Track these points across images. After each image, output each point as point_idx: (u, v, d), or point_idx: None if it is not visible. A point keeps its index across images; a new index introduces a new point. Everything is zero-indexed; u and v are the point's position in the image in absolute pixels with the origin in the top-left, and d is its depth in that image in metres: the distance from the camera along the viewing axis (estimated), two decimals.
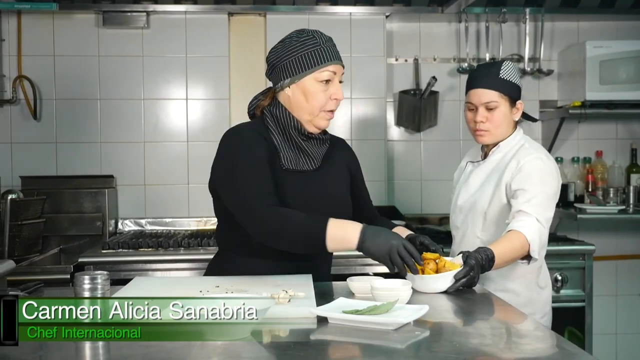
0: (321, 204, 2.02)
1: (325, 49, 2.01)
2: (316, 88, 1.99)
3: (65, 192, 3.60)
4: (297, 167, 2.03)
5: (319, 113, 2.01)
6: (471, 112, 2.40)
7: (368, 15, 3.86)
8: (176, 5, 3.71)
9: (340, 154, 2.18)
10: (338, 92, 2.01)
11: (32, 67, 3.74)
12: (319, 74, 1.99)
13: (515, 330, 1.60)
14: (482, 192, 2.38)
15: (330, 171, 2.10)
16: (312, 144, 2.05)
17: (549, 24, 4.01)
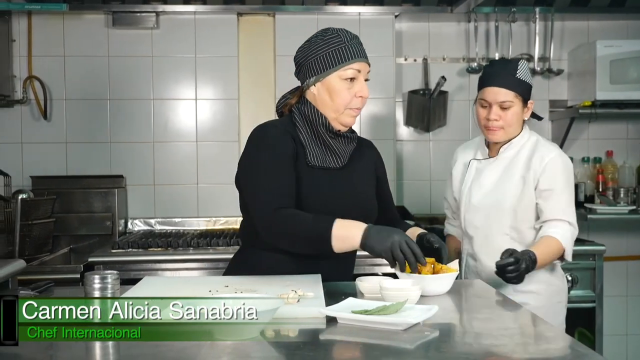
0: (346, 202, 2.03)
1: (349, 46, 2.02)
2: (341, 86, 2.00)
3: (75, 192, 3.62)
4: (324, 164, 2.04)
5: (344, 110, 2.02)
6: (484, 109, 2.40)
7: (377, 15, 3.85)
8: (185, 6, 3.72)
9: (368, 154, 2.20)
10: (363, 90, 2.02)
11: (42, 68, 3.76)
12: (343, 71, 2.00)
13: (526, 330, 1.60)
14: (504, 189, 2.39)
15: (357, 169, 2.11)
16: (339, 142, 2.06)
17: (559, 23, 3.99)
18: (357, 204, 2.06)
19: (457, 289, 1.95)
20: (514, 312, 1.76)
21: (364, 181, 2.13)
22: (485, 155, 2.49)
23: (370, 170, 2.18)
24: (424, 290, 1.83)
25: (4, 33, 3.69)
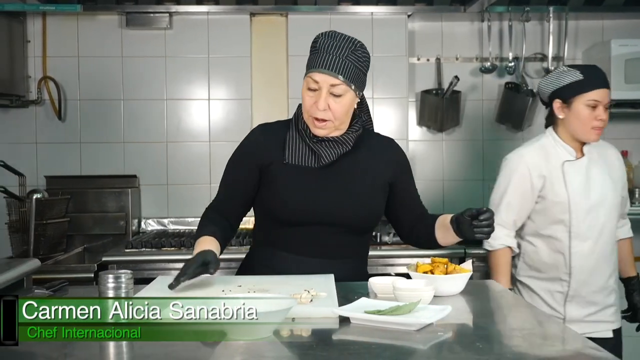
0: (321, 201, 2.03)
1: (316, 55, 1.98)
2: (304, 92, 2.00)
3: (89, 192, 3.64)
4: (298, 162, 2.04)
5: (308, 117, 2.00)
6: (593, 109, 2.46)
7: (390, 15, 3.85)
8: (198, 6, 3.73)
9: (379, 154, 2.13)
10: (320, 102, 1.95)
11: (56, 68, 3.79)
12: (306, 79, 1.99)
13: (540, 331, 1.59)
14: (607, 189, 2.53)
15: (350, 170, 2.07)
16: (324, 145, 2.04)
17: (573, 22, 3.96)
18: (334, 203, 2.03)
19: (470, 290, 1.94)
20: (527, 313, 1.75)
21: (358, 184, 2.07)
22: (574, 156, 2.54)
23: (376, 172, 2.10)
24: (437, 291, 1.82)
25: (19, 34, 3.71)
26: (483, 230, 1.90)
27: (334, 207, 2.03)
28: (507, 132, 4.00)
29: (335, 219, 2.03)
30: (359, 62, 2.00)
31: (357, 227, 2.08)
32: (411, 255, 3.11)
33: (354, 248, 2.12)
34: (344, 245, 2.08)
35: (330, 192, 2.04)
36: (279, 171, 2.04)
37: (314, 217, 2.02)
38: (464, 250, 3.17)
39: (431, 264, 1.95)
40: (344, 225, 2.05)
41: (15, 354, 1.38)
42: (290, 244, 2.06)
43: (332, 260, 2.07)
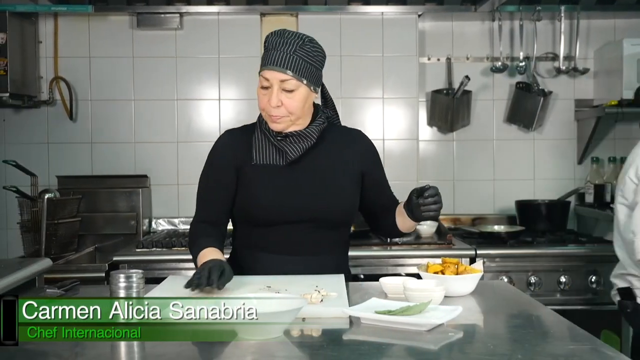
0: (292, 198, 2.04)
1: (266, 54, 2.01)
2: (259, 91, 2.03)
3: (100, 192, 3.65)
4: (266, 162, 2.06)
5: (265, 115, 2.03)
6: None
7: (400, 15, 3.84)
8: (209, 7, 3.74)
9: (348, 146, 2.14)
10: (272, 99, 1.97)
11: (68, 69, 3.80)
12: (259, 78, 2.02)
13: (551, 332, 1.58)
14: None
15: (318, 165, 2.08)
16: (288, 141, 2.05)
17: (585, 21, 3.94)
18: (306, 200, 2.04)
19: (481, 290, 1.94)
20: (538, 313, 1.74)
21: (327, 178, 2.07)
22: None
23: (345, 164, 2.11)
24: (448, 291, 1.82)
25: (31, 35, 3.73)
26: (430, 207, 1.94)
27: (308, 202, 2.04)
28: (518, 132, 3.99)
29: (311, 214, 2.04)
30: (309, 57, 2.00)
31: (333, 220, 2.07)
32: (422, 255, 3.11)
33: (334, 243, 2.12)
34: (323, 241, 2.07)
35: (302, 188, 2.05)
36: (249, 173, 2.06)
37: (289, 214, 2.03)
38: (474, 250, 3.16)
39: (442, 265, 1.94)
40: (320, 219, 2.05)
41: (26, 353, 1.39)
42: (269, 244, 2.06)
43: (313, 257, 2.06)
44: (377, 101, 3.87)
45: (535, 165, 4.01)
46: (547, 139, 4.00)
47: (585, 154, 3.94)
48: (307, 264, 2.05)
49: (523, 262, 3.19)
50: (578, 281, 3.18)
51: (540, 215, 3.70)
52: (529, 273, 3.17)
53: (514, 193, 3.93)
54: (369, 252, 3.14)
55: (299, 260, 2.05)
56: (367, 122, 3.86)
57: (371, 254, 3.14)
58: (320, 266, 2.06)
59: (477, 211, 3.99)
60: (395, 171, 3.87)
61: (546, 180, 4.00)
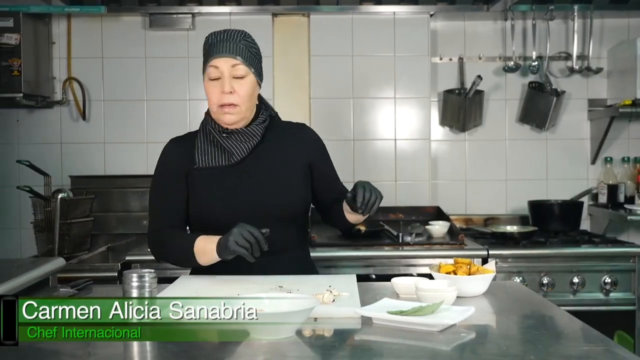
0: (245, 196, 2.03)
1: (211, 48, 2.02)
2: (208, 85, 2.03)
3: (113, 192, 3.67)
4: (211, 164, 2.05)
5: (217, 109, 2.03)
6: None
7: (412, 15, 3.83)
8: (221, 7, 3.75)
9: (293, 140, 2.15)
10: (225, 85, 1.99)
11: (81, 69, 3.82)
12: (206, 72, 2.03)
13: (564, 333, 1.57)
14: None
15: (264, 161, 2.08)
16: (234, 139, 2.06)
17: (598, 20, 3.92)
18: (260, 196, 2.03)
19: (493, 291, 1.93)
20: (551, 314, 1.73)
21: (276, 172, 2.08)
22: None
23: (293, 157, 2.12)
24: (460, 292, 1.81)
25: (44, 36, 3.76)
26: (373, 208, 1.93)
27: (258, 200, 2.03)
28: (530, 132, 3.97)
29: (263, 212, 2.02)
30: (252, 48, 2.07)
31: (284, 215, 2.06)
32: (434, 255, 3.10)
33: (291, 239, 2.11)
34: (279, 238, 2.01)
35: (250, 187, 2.04)
36: (195, 178, 2.06)
37: (240, 215, 1.97)
38: (487, 251, 3.15)
39: (454, 265, 1.94)
40: (272, 217, 2.02)
41: (39, 352, 1.39)
42: None
43: (274, 256, 2.00)
44: (389, 101, 3.86)
45: (548, 165, 3.99)
46: (560, 139, 3.98)
47: (598, 153, 3.92)
48: (268, 264, 2.00)
49: (536, 263, 3.17)
50: (591, 282, 3.16)
51: (553, 216, 3.68)
52: (542, 274, 3.16)
53: (526, 193, 3.91)
54: (381, 252, 3.14)
55: (259, 260, 1.93)
56: (379, 122, 3.86)
57: (383, 254, 3.14)
58: (282, 265, 2.04)
59: (489, 211, 3.98)
60: (407, 171, 3.88)
61: (559, 180, 3.98)
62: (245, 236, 1.81)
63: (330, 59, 3.79)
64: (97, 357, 1.34)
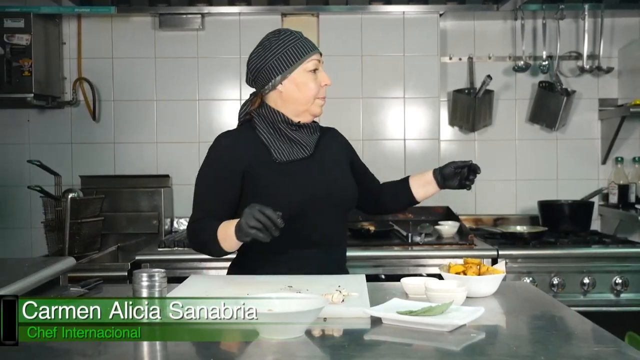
0: (321, 187, 2.08)
1: (305, 41, 2.12)
2: (306, 78, 2.09)
3: (122, 191, 3.68)
4: (291, 157, 2.09)
5: (314, 101, 2.11)
6: None
7: (421, 14, 3.83)
8: (230, 7, 3.75)
9: (335, 140, 2.27)
10: (325, 78, 2.13)
11: (91, 70, 3.84)
12: (306, 64, 2.09)
13: (574, 333, 1.57)
14: None
15: (326, 156, 2.16)
16: (302, 133, 2.12)
17: (609, 19, 3.90)
18: (333, 187, 2.11)
19: (503, 291, 1.92)
20: (561, 315, 1.72)
21: (336, 166, 2.18)
22: None
23: (341, 155, 2.23)
24: (470, 292, 1.81)
25: (55, 36, 3.78)
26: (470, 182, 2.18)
27: (331, 191, 2.09)
28: (540, 132, 3.96)
29: (334, 202, 2.09)
30: None
31: (348, 206, 2.17)
32: (443, 256, 3.09)
33: (344, 234, 2.20)
34: (338, 230, 2.15)
35: (324, 178, 2.10)
36: (270, 171, 2.05)
37: (316, 206, 2.05)
38: (496, 251, 3.14)
39: (464, 265, 1.93)
40: (340, 207, 2.12)
41: (50, 350, 1.40)
42: (292, 239, 2.02)
43: (332, 247, 2.10)
44: (398, 101, 3.86)
45: (558, 165, 3.97)
46: (570, 139, 3.97)
47: (609, 153, 3.90)
48: (322, 257, 2.07)
49: (546, 263, 3.16)
50: (602, 282, 3.14)
51: (564, 216, 3.67)
52: (552, 274, 3.14)
53: (536, 193, 3.90)
54: (390, 252, 3.14)
55: (316, 253, 2.05)
56: (388, 122, 3.85)
57: (392, 254, 3.13)
58: (333, 259, 2.11)
59: (499, 211, 3.97)
60: (416, 171, 3.83)
61: (569, 180, 3.96)
62: (257, 216, 1.79)
63: (339, 59, 3.79)
64: (107, 356, 1.35)
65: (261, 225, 1.78)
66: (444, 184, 2.21)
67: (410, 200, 2.29)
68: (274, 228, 1.79)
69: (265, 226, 1.78)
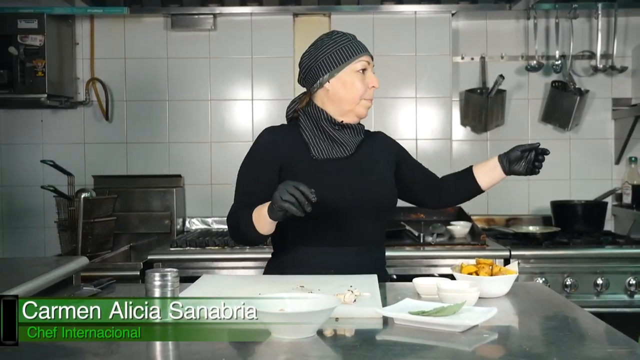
0: (359, 187, 2.10)
1: (356, 42, 2.16)
2: (354, 78, 2.12)
3: (135, 191, 3.70)
4: (329, 156, 2.12)
5: (360, 101, 2.13)
6: None
7: (433, 14, 3.82)
8: (242, 7, 3.76)
9: (382, 142, 2.28)
10: (373, 80, 2.14)
11: (104, 70, 3.86)
12: (355, 64, 2.12)
13: (587, 334, 1.56)
14: None
15: (366, 158, 2.18)
16: (345, 133, 2.14)
17: (623, 18, 3.88)
18: (368, 189, 2.12)
19: (516, 291, 1.92)
20: (574, 316, 1.71)
21: (376, 169, 2.18)
22: None
23: (385, 157, 2.24)
24: (483, 292, 1.80)
25: (68, 37, 3.80)
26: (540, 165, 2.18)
27: (369, 192, 2.11)
28: (553, 132, 3.94)
29: (372, 203, 2.11)
30: None
31: (388, 209, 2.18)
32: (455, 256, 3.08)
33: (380, 235, 2.21)
34: (377, 231, 2.17)
35: (363, 178, 2.12)
36: (307, 167, 2.07)
37: (352, 205, 2.07)
38: (509, 251, 3.13)
39: (476, 265, 1.93)
40: (380, 209, 2.14)
41: (62, 349, 1.41)
42: (325, 237, 2.07)
43: (365, 247, 2.11)
44: (410, 101, 3.85)
45: (571, 165, 3.95)
46: (583, 139, 3.95)
47: (622, 153, 3.88)
48: (363, 257, 2.10)
49: (559, 264, 3.14)
50: (615, 283, 3.12)
51: (577, 216, 3.65)
52: (565, 275, 3.13)
53: (549, 193, 3.88)
54: (402, 252, 3.13)
55: (352, 251, 2.08)
56: (400, 121, 3.85)
57: (404, 254, 3.13)
58: (370, 258, 2.13)
59: (511, 212, 3.95)
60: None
61: (582, 180, 3.94)
62: (291, 191, 1.80)
63: None
64: (119, 356, 1.35)
65: (294, 199, 1.80)
66: (509, 168, 2.20)
67: (475, 189, 2.29)
68: (307, 203, 1.79)
69: (298, 201, 1.79)
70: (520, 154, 2.18)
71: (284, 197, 1.80)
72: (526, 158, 2.18)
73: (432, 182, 2.33)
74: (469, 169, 2.30)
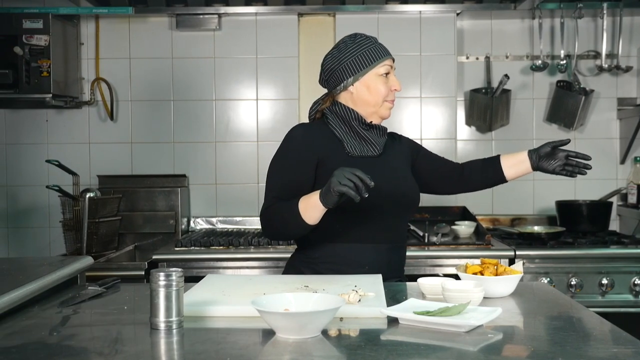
0: (390, 185, 2.14)
1: (379, 46, 2.22)
2: (378, 81, 2.18)
3: (140, 191, 3.71)
4: (362, 153, 2.17)
5: (383, 103, 2.19)
6: None
7: (438, 14, 3.81)
8: (247, 7, 3.76)
9: (401, 142, 2.36)
10: (396, 83, 2.21)
11: (109, 70, 3.87)
12: (379, 68, 2.18)
13: (592, 334, 1.55)
14: None
15: (392, 157, 2.24)
16: (373, 133, 2.20)
17: (628, 18, 3.87)
18: (398, 186, 2.19)
19: (521, 291, 1.91)
20: (579, 316, 1.71)
21: (401, 167, 2.26)
22: None
23: (405, 157, 2.31)
24: (487, 292, 1.80)
25: (73, 37, 3.81)
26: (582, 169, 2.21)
27: (400, 190, 2.17)
28: (558, 132, 3.93)
29: (402, 201, 2.18)
30: None
31: (414, 206, 2.26)
32: (460, 256, 3.08)
33: (406, 234, 2.29)
34: (399, 229, 2.22)
35: (393, 176, 2.18)
36: (343, 163, 2.05)
37: (385, 202, 2.11)
38: (514, 251, 3.12)
39: (481, 265, 1.92)
40: (409, 207, 2.22)
41: (67, 349, 1.41)
42: (359, 234, 2.11)
43: (395, 244, 2.19)
44: (414, 100, 3.85)
45: None
46: (588, 139, 3.94)
47: (628, 153, 3.87)
48: (394, 253, 2.18)
49: (564, 264, 3.14)
50: (620, 283, 3.11)
51: (582, 216, 3.64)
52: (570, 275, 3.12)
53: (554, 193, 3.87)
54: (407, 252, 3.12)
55: (384, 248, 2.14)
56: (405, 121, 3.84)
57: (409, 254, 3.09)
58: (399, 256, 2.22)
59: (516, 211, 3.95)
60: None
61: (587, 180, 3.91)
62: (348, 176, 1.83)
63: None
64: (124, 355, 1.35)
65: (352, 184, 1.82)
66: (538, 163, 2.23)
67: (499, 178, 2.31)
68: (364, 188, 1.82)
69: (356, 185, 1.82)
70: (550, 150, 2.21)
71: (342, 181, 1.82)
72: (556, 157, 2.21)
73: (450, 171, 2.37)
74: (496, 158, 2.32)
